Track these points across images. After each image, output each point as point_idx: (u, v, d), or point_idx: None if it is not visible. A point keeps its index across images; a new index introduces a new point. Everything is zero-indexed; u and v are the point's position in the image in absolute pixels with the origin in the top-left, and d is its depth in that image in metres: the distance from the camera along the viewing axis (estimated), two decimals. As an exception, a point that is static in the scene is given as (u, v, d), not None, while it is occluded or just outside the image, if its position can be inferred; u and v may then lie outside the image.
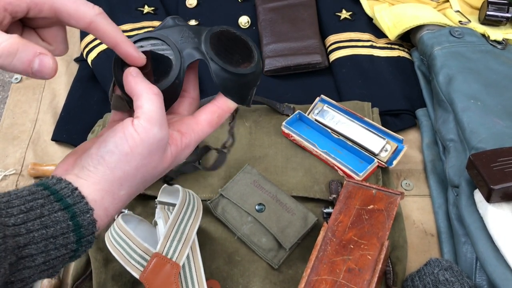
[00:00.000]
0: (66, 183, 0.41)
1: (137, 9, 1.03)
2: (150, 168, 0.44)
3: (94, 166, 0.42)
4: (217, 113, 0.49)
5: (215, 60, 0.47)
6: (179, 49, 0.47)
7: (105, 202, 0.42)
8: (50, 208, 0.39)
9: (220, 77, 0.47)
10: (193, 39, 0.48)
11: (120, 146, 0.42)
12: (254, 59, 0.50)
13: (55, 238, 0.39)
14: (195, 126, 0.48)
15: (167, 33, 0.48)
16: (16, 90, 0.98)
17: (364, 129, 0.83)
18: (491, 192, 0.65)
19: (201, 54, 0.47)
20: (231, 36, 0.50)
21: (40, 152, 0.89)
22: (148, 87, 0.45)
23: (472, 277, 0.68)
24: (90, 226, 0.41)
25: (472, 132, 0.75)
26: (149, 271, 0.64)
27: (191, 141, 0.47)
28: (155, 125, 0.43)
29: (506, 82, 0.83)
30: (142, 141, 0.42)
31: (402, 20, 0.96)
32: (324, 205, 0.77)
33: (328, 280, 0.63)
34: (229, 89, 0.49)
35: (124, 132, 0.42)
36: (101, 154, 0.42)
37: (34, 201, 0.39)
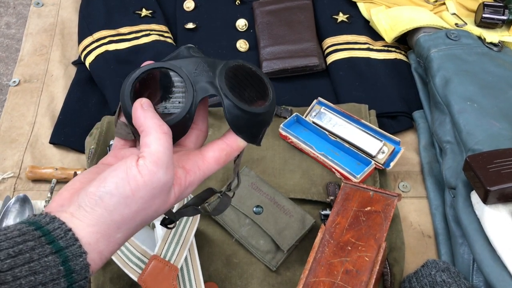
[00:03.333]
0: (59, 223, 0.38)
1: (135, 12, 1.03)
2: (151, 211, 0.42)
3: (91, 207, 0.39)
4: (226, 151, 0.46)
5: (229, 97, 0.44)
6: (192, 83, 0.45)
7: (100, 245, 0.39)
8: (41, 252, 0.36)
9: (232, 115, 0.45)
10: (208, 72, 0.45)
11: (121, 188, 0.39)
12: (269, 97, 0.47)
13: (44, 285, 0.36)
14: (201, 163, 0.45)
15: (181, 64, 0.45)
16: (14, 93, 0.98)
17: (361, 131, 0.83)
18: (487, 193, 0.65)
19: (215, 89, 0.45)
20: (247, 72, 0.48)
21: (38, 155, 0.89)
22: (158, 125, 0.42)
23: (469, 278, 0.68)
24: (83, 271, 0.38)
25: (468, 134, 0.76)
26: (147, 274, 0.64)
27: (195, 179, 0.44)
28: (161, 168, 0.40)
29: (502, 84, 0.83)
30: (145, 185, 0.39)
31: (399, 23, 0.96)
32: (322, 207, 0.77)
33: (326, 282, 0.64)
34: (241, 128, 0.46)
35: (127, 173, 0.39)
36: (100, 194, 0.39)
37: (23, 244, 0.36)
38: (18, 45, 1.10)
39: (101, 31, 0.99)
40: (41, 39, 1.06)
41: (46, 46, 1.05)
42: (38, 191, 0.84)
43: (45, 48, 1.05)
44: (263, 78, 0.48)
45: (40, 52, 1.04)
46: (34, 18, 1.10)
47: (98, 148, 0.83)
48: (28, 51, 1.04)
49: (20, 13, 1.21)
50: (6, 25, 1.18)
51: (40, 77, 1.00)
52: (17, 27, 1.18)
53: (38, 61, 1.02)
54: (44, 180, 0.85)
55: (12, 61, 1.10)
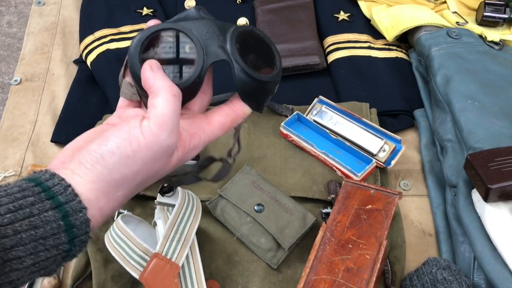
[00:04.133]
0: (59, 179, 0.38)
1: (136, 11, 1.03)
2: (152, 172, 0.42)
3: (91, 164, 0.39)
4: (231, 116, 0.46)
5: (240, 63, 0.44)
6: (203, 46, 0.44)
7: (99, 202, 0.39)
8: (41, 207, 0.37)
9: (242, 81, 0.44)
10: (219, 36, 0.44)
11: (122, 148, 0.39)
12: (276, 65, 0.47)
13: (45, 239, 0.36)
14: (206, 127, 0.45)
15: (191, 26, 0.44)
16: (15, 92, 0.98)
17: (362, 129, 0.83)
18: (488, 191, 0.65)
19: (225, 54, 0.44)
20: (257, 38, 0.47)
21: (39, 153, 0.89)
22: (168, 86, 0.41)
23: (470, 276, 0.68)
24: (83, 226, 0.38)
25: (469, 132, 0.76)
26: (149, 272, 0.64)
27: (199, 143, 0.45)
28: (165, 130, 0.40)
29: (503, 83, 0.83)
30: (146, 146, 0.39)
31: (400, 21, 0.96)
32: (323, 205, 0.77)
33: (327, 280, 0.64)
34: (248, 95, 0.46)
35: (129, 133, 0.40)
36: (101, 152, 0.39)
37: (23, 199, 0.36)
38: (20, 44, 1.10)
39: (102, 30, 0.99)
40: (43, 38, 1.06)
41: (48, 45, 1.05)
42: (40, 189, 0.85)
43: (47, 47, 1.05)
44: (271, 45, 0.47)
45: (41, 51, 1.04)
46: (35, 17, 1.10)
47: (99, 146, 0.83)
48: (29, 50, 1.04)
49: (22, 12, 1.21)
50: (8, 24, 1.18)
51: (41, 75, 1.00)
52: (19, 26, 1.18)
53: (40, 60, 1.03)
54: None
55: (13, 60, 1.10)
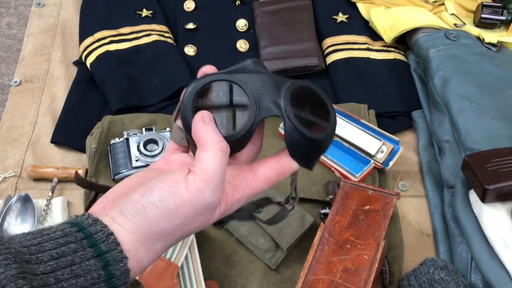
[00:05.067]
0: (101, 226, 0.37)
1: (135, 13, 1.04)
2: (192, 228, 0.41)
3: (132, 214, 0.38)
4: (278, 171, 0.44)
5: (292, 120, 0.43)
6: (256, 100, 0.43)
7: (139, 253, 0.38)
8: (83, 255, 0.36)
9: (293, 138, 0.43)
10: (273, 91, 0.44)
11: (165, 201, 0.38)
12: (330, 123, 0.46)
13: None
14: (251, 180, 0.43)
15: (247, 79, 0.43)
16: (15, 93, 0.98)
17: (360, 130, 0.83)
18: (485, 192, 0.66)
19: (279, 110, 0.43)
20: (312, 95, 0.46)
21: (39, 154, 0.90)
22: (217, 141, 0.40)
23: (467, 276, 0.68)
24: (123, 276, 0.37)
25: (467, 134, 0.76)
26: (148, 272, 0.64)
27: (243, 196, 0.43)
28: (210, 187, 0.39)
29: (501, 84, 0.84)
30: (190, 202, 0.38)
31: (398, 23, 0.97)
32: (321, 206, 0.77)
33: (325, 280, 0.64)
34: (298, 152, 0.44)
35: (174, 187, 0.38)
36: (143, 204, 0.38)
37: (66, 246, 0.36)
38: (20, 45, 1.10)
39: (102, 31, 0.99)
40: (42, 39, 1.07)
41: (47, 46, 1.05)
42: (40, 190, 0.85)
43: (46, 48, 1.05)
44: (326, 102, 0.47)
45: (41, 52, 1.04)
46: (35, 19, 1.10)
47: (99, 147, 0.83)
48: (29, 51, 1.05)
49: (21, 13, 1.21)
50: (8, 26, 1.19)
51: (41, 77, 1.01)
52: (19, 27, 1.18)
53: (39, 61, 1.03)
54: (45, 179, 0.85)
55: (13, 61, 1.11)
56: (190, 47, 1.01)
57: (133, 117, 0.88)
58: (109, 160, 0.82)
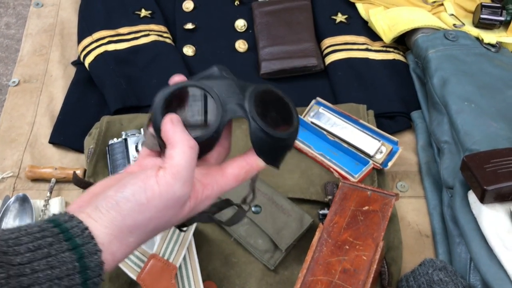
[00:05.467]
0: (77, 221, 0.40)
1: (134, 13, 1.04)
2: (164, 221, 0.43)
3: (106, 209, 0.41)
4: (245, 169, 0.47)
5: (256, 120, 0.46)
6: (222, 103, 0.46)
7: (112, 247, 0.41)
8: (58, 248, 0.38)
9: (257, 138, 0.46)
10: (238, 94, 0.47)
11: (138, 195, 0.41)
12: (293, 123, 0.49)
13: (60, 279, 0.37)
14: (220, 178, 0.46)
15: (213, 85, 0.47)
16: (13, 93, 0.98)
17: (359, 131, 0.83)
18: (484, 193, 0.66)
19: (243, 111, 0.46)
20: (275, 97, 0.50)
21: (37, 154, 0.89)
22: (185, 139, 0.43)
23: (466, 277, 0.68)
24: (97, 268, 0.39)
25: (466, 134, 0.76)
26: (146, 272, 0.64)
27: (212, 193, 0.46)
28: (179, 181, 0.42)
29: (500, 85, 0.84)
30: (160, 195, 0.41)
31: (397, 24, 0.97)
32: (320, 206, 0.77)
33: (323, 281, 0.64)
34: (264, 151, 0.48)
35: (145, 182, 0.41)
36: (117, 199, 0.41)
37: (42, 239, 0.38)
38: (18, 46, 1.10)
39: (100, 32, 0.99)
40: (41, 40, 1.06)
41: (46, 47, 1.05)
42: (38, 190, 0.85)
43: (45, 49, 1.05)
44: (289, 104, 0.50)
45: (39, 53, 1.04)
46: (33, 19, 1.10)
47: (97, 147, 0.83)
48: (27, 51, 1.05)
49: (20, 13, 1.21)
50: (6, 26, 1.18)
51: (39, 77, 1.01)
52: (17, 27, 1.18)
53: (38, 62, 1.03)
54: (43, 179, 0.85)
55: (11, 61, 1.11)
56: (189, 47, 1.01)
57: (131, 118, 0.88)
58: (107, 161, 0.82)
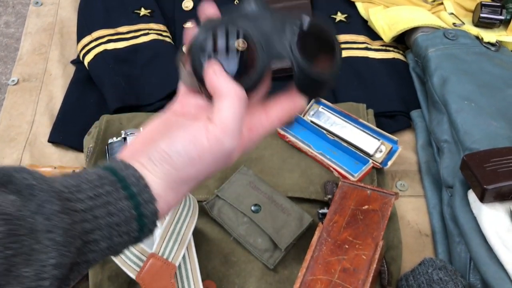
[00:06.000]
0: (133, 170, 0.41)
1: (133, 12, 1.03)
2: (214, 170, 0.44)
3: (160, 162, 0.42)
4: (289, 109, 0.47)
5: (299, 62, 0.44)
6: (263, 45, 0.44)
7: (168, 197, 0.42)
8: (116, 196, 0.40)
9: (300, 79, 0.45)
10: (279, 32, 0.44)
11: (189, 150, 0.42)
12: (336, 60, 0.47)
13: (119, 225, 0.40)
14: (265, 120, 0.46)
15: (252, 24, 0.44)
16: (12, 92, 0.98)
17: (359, 130, 0.83)
18: (484, 192, 0.65)
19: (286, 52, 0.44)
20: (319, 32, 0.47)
21: (37, 154, 0.89)
22: (233, 89, 0.42)
23: (466, 277, 0.68)
24: (152, 216, 0.41)
25: (466, 133, 0.76)
26: (145, 272, 0.64)
27: (257, 136, 0.46)
28: (228, 135, 0.42)
29: (500, 84, 0.84)
30: (210, 151, 0.42)
31: (397, 23, 0.96)
32: (320, 205, 0.77)
33: (323, 280, 0.64)
34: (307, 91, 0.47)
35: (195, 136, 0.42)
36: (169, 153, 0.42)
37: (101, 187, 0.39)
38: (17, 44, 1.10)
39: (99, 30, 0.99)
40: (40, 38, 1.06)
41: (45, 45, 1.05)
42: (37, 189, 0.84)
43: (44, 47, 1.05)
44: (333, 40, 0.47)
45: (39, 51, 1.04)
46: (33, 18, 1.10)
47: (96, 146, 0.83)
48: (27, 50, 1.04)
49: (19, 12, 1.21)
50: (5, 24, 1.18)
51: (39, 76, 1.00)
52: (16, 26, 1.18)
53: (37, 60, 1.03)
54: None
55: (11, 60, 1.11)
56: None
57: (131, 117, 0.87)
58: (106, 160, 0.82)
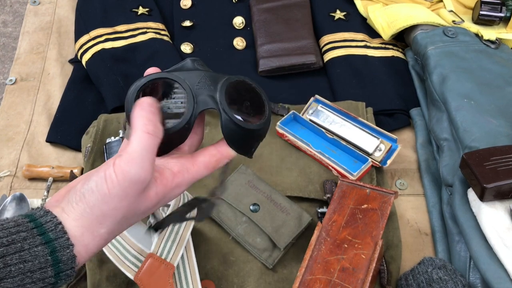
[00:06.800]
0: (51, 217, 0.41)
1: (131, 10, 1.03)
2: (132, 209, 0.44)
3: (76, 202, 0.42)
4: (216, 157, 0.48)
5: (227, 112, 0.47)
6: (194, 95, 0.47)
7: (85, 239, 0.42)
8: (31, 242, 0.39)
9: (228, 129, 0.47)
10: (209, 86, 0.47)
11: (100, 186, 0.42)
12: (265, 114, 0.50)
13: (32, 272, 0.39)
14: (191, 166, 0.47)
15: (185, 76, 0.47)
16: (10, 91, 0.98)
17: (358, 128, 0.83)
18: (484, 190, 0.65)
19: (214, 103, 0.47)
20: (247, 88, 0.50)
21: (34, 153, 0.89)
22: (143, 124, 0.43)
23: (466, 276, 0.68)
24: (69, 261, 0.41)
25: (465, 131, 0.76)
26: (144, 272, 0.64)
27: (183, 181, 0.46)
28: (133, 166, 0.42)
29: (499, 82, 0.83)
30: (118, 183, 0.42)
31: (396, 20, 0.96)
32: (319, 204, 0.77)
33: (322, 280, 0.64)
34: (235, 141, 0.48)
35: (105, 172, 0.42)
36: (83, 191, 0.42)
37: (17, 234, 0.39)
38: (15, 44, 1.10)
39: (97, 29, 0.99)
40: (38, 38, 1.06)
41: (43, 45, 1.05)
42: (35, 189, 0.84)
43: (42, 47, 1.04)
44: (261, 95, 0.51)
45: (36, 51, 1.04)
46: (30, 17, 1.10)
47: (94, 146, 0.83)
48: (24, 49, 1.04)
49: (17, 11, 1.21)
50: (3, 24, 1.18)
51: (36, 75, 1.00)
52: (14, 25, 1.18)
53: (35, 60, 1.02)
54: (40, 178, 0.85)
55: (8, 60, 1.10)
56: (186, 44, 1.01)
57: (129, 116, 0.87)
58: (104, 159, 0.82)
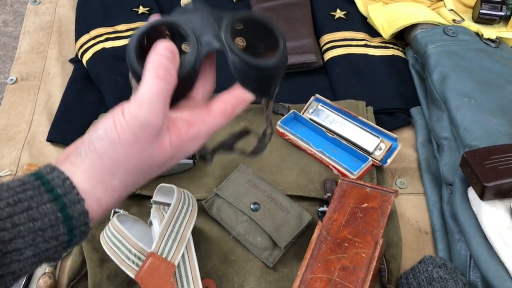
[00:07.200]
0: (59, 172, 0.39)
1: (132, 10, 1.03)
2: (145, 158, 0.41)
3: (85, 152, 0.40)
4: (232, 102, 0.45)
5: (234, 50, 0.43)
6: (197, 36, 0.43)
7: (96, 192, 0.40)
8: (39, 200, 0.38)
9: (238, 69, 0.43)
10: (213, 25, 0.44)
11: (109, 132, 0.40)
12: (279, 48, 0.45)
13: (43, 230, 0.38)
14: (206, 116, 0.44)
15: (186, 19, 0.44)
16: (11, 91, 0.98)
17: (358, 128, 0.83)
18: (484, 189, 0.65)
19: (219, 42, 0.43)
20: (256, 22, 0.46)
21: (35, 153, 0.89)
22: (154, 68, 0.41)
23: (466, 274, 0.68)
24: (82, 217, 0.39)
25: (465, 130, 0.76)
26: (144, 271, 0.64)
27: (199, 132, 0.43)
28: (142, 110, 0.40)
29: (499, 80, 0.83)
30: (128, 127, 0.40)
31: (397, 19, 0.96)
32: (319, 203, 0.77)
33: (322, 278, 0.64)
34: (249, 82, 0.44)
35: (114, 117, 0.40)
36: (92, 140, 0.40)
37: (23, 193, 0.38)
38: (15, 43, 1.10)
39: (98, 29, 0.99)
40: (38, 37, 1.06)
41: (43, 44, 1.05)
42: (36, 189, 0.84)
43: (42, 46, 1.05)
44: (273, 28, 0.46)
45: (37, 50, 1.04)
46: (31, 16, 1.10)
47: (95, 145, 0.83)
48: (25, 49, 1.04)
49: (17, 11, 1.21)
50: (3, 23, 1.18)
51: (37, 75, 1.00)
52: (14, 25, 1.18)
53: (35, 59, 1.02)
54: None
55: (9, 59, 1.10)
56: (187, 43, 1.01)
57: (129, 115, 0.87)
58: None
